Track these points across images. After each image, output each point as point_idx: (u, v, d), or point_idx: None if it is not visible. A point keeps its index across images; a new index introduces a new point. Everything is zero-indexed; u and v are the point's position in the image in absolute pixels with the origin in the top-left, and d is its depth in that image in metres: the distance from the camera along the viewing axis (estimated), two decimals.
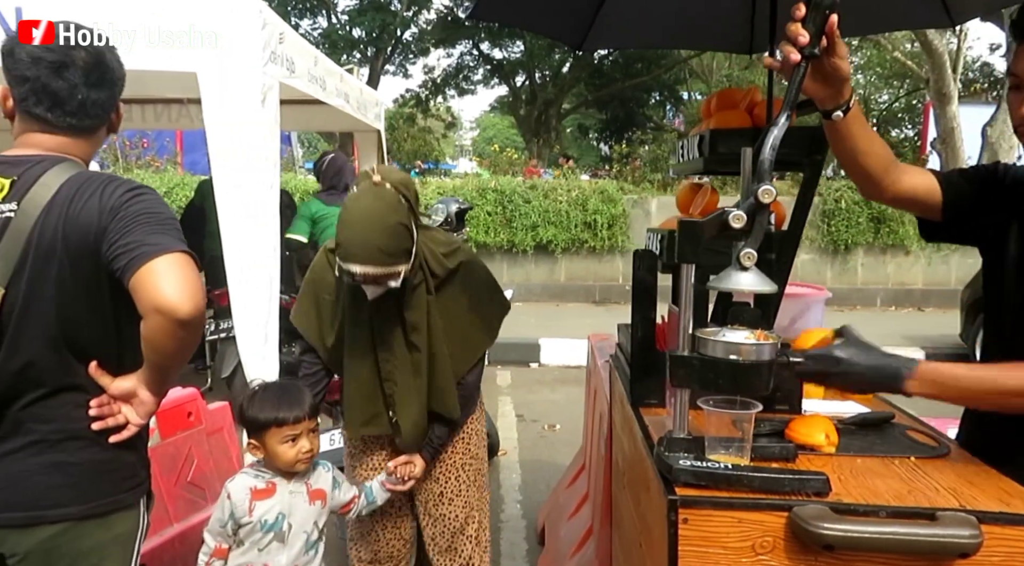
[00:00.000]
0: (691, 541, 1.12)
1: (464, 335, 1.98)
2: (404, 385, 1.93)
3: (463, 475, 2.10)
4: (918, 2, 1.97)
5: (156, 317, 1.26)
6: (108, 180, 1.38)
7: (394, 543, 2.14)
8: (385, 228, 1.70)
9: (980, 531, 1.03)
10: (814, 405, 1.57)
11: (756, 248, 1.09)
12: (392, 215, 1.72)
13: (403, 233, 1.74)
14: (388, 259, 1.71)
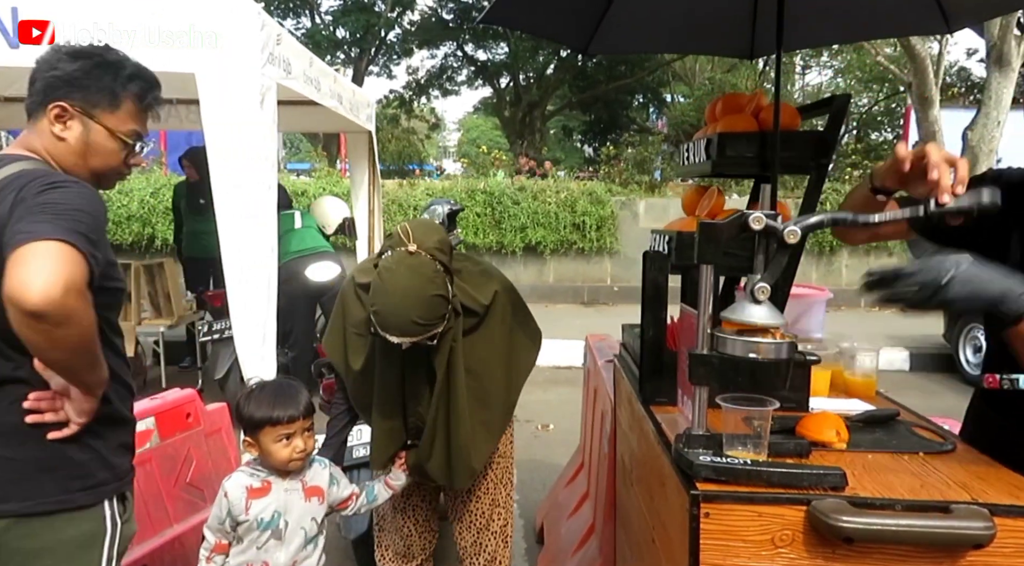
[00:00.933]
0: (712, 534, 1.14)
1: (500, 374, 1.97)
2: (427, 434, 1.93)
3: (491, 473, 2.13)
4: (916, 9, 2.02)
5: (8, 307, 1.18)
6: (39, 176, 1.33)
7: (426, 536, 2.17)
8: (421, 302, 1.68)
9: (993, 523, 1.07)
10: (820, 403, 1.60)
11: (771, 283, 1.12)
12: (429, 287, 1.69)
13: (439, 303, 1.71)
14: (424, 330, 1.71)
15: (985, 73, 11.12)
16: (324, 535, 1.93)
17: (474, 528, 2.13)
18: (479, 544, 2.14)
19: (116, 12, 2.74)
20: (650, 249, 1.75)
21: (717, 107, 1.88)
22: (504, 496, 2.18)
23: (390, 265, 1.70)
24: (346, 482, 1.98)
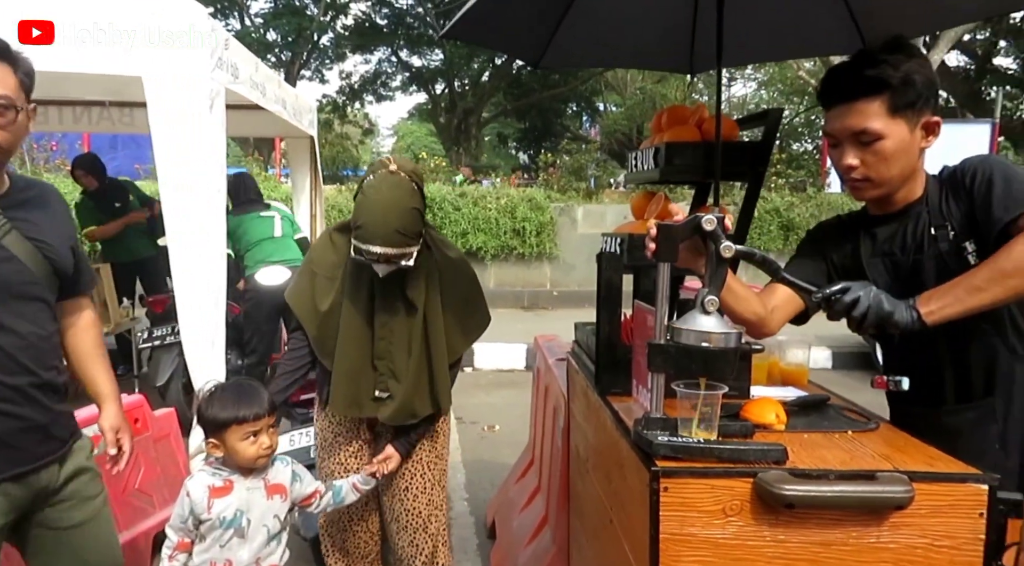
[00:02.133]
0: (671, 507, 1.26)
1: (455, 324, 2.07)
2: (400, 362, 2.00)
3: (429, 473, 2.16)
4: (839, 33, 2.21)
5: None
6: None
7: (363, 537, 2.20)
8: (402, 212, 1.86)
9: (912, 487, 1.22)
10: (760, 391, 1.75)
11: (718, 295, 1.28)
12: (409, 200, 1.87)
13: (417, 217, 1.89)
14: (404, 240, 1.86)
15: None
16: (287, 532, 1.97)
17: (411, 528, 2.16)
18: (415, 546, 2.16)
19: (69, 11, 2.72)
20: (603, 251, 1.87)
21: (663, 118, 2.02)
22: (440, 498, 2.21)
23: (373, 183, 1.88)
24: (310, 478, 2.02)
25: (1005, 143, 15.63)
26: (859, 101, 1.43)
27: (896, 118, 1.43)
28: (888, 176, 1.48)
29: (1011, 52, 15.75)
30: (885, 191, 1.51)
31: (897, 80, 1.41)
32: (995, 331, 1.48)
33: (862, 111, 1.43)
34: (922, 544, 1.25)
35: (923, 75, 1.43)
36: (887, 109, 1.42)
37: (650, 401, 1.38)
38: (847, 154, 1.47)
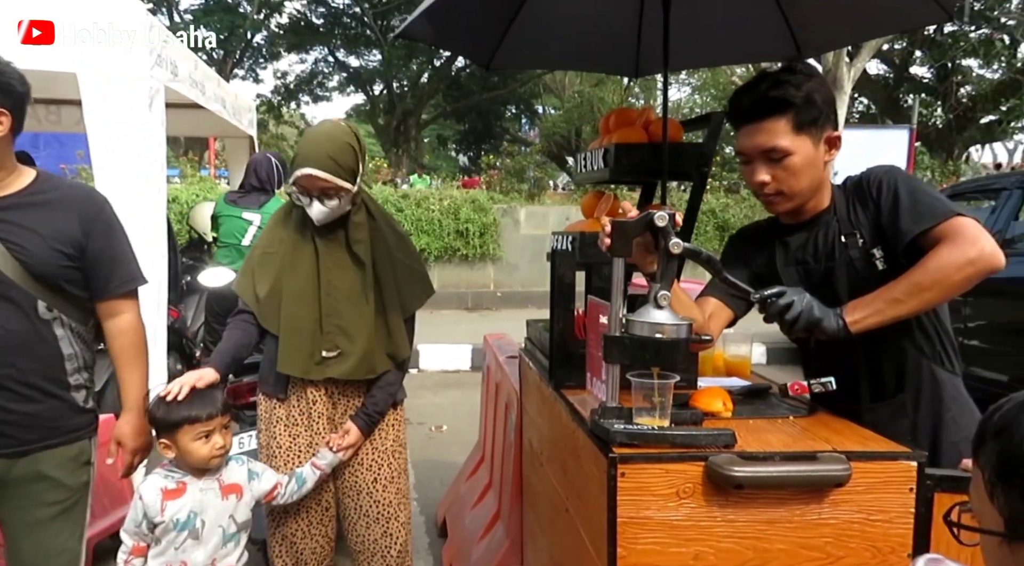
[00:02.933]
0: (627, 491, 1.32)
1: (405, 285, 2.08)
2: (350, 318, 1.99)
3: (394, 462, 2.15)
4: (776, 40, 2.33)
5: None
6: None
7: (319, 541, 2.15)
8: (336, 142, 1.93)
9: (849, 466, 1.31)
10: (707, 381, 1.83)
11: (669, 290, 1.34)
12: (344, 136, 1.95)
13: (351, 152, 1.94)
14: (335, 168, 1.90)
15: None
16: (247, 532, 1.95)
17: (383, 519, 2.12)
18: (390, 535, 2.13)
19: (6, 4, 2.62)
20: (554, 249, 1.91)
21: (611, 120, 2.08)
22: (407, 487, 2.21)
23: (316, 124, 2.04)
24: (269, 473, 2.00)
25: (921, 148, 16.48)
26: (766, 120, 1.52)
27: (801, 134, 1.51)
28: (799, 189, 1.56)
29: (926, 62, 16.61)
30: (797, 203, 1.60)
31: (800, 99, 1.50)
32: (904, 333, 1.59)
33: (769, 130, 1.52)
34: (859, 519, 1.34)
35: (822, 93, 1.52)
36: (792, 126, 1.51)
37: (606, 391, 1.44)
38: (759, 171, 1.56)
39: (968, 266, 1.39)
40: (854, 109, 19.49)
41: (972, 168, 15.36)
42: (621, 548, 1.31)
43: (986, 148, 20.61)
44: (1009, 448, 0.68)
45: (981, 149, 20.23)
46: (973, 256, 1.38)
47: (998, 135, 17.87)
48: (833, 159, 1.57)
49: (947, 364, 1.62)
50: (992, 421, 0.72)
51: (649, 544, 1.32)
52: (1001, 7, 14.26)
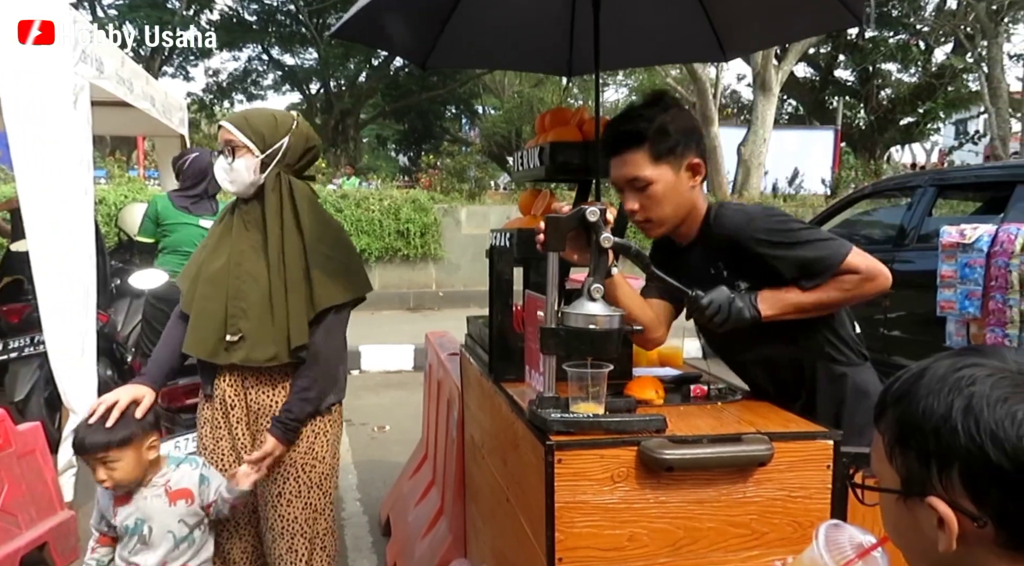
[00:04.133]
0: (564, 477, 1.36)
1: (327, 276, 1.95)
2: (253, 301, 1.92)
3: (304, 476, 2.02)
4: (701, 40, 2.42)
5: None
6: None
7: (249, 541, 2.10)
8: (262, 110, 1.98)
9: (772, 446, 1.39)
10: (641, 371, 1.89)
11: (602, 283, 1.40)
12: (277, 112, 1.95)
13: (271, 122, 1.94)
14: (243, 124, 1.91)
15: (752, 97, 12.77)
16: (204, 531, 1.91)
17: (287, 534, 2.01)
18: (294, 551, 2.02)
19: None
20: (494, 245, 1.95)
21: (546, 119, 2.13)
22: (322, 502, 2.06)
23: None
24: (217, 485, 1.91)
25: (847, 148, 17.19)
26: (626, 153, 1.61)
27: (660, 164, 1.59)
28: (664, 215, 1.65)
29: (849, 65, 17.33)
30: (667, 228, 1.69)
31: (653, 131, 1.58)
32: (804, 335, 1.68)
33: (630, 161, 1.60)
34: (781, 496, 1.42)
35: (678, 124, 1.60)
36: (650, 157, 1.59)
37: (543, 382, 1.48)
38: (628, 199, 1.66)
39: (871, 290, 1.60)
40: (783, 110, 20.20)
41: (893, 168, 16.11)
42: (559, 532, 1.36)
43: (906, 148, 21.63)
44: (906, 415, 0.75)
45: (901, 149, 21.22)
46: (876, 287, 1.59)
47: (916, 136, 18.78)
48: (698, 184, 1.65)
49: (843, 358, 1.70)
50: (892, 390, 0.79)
51: (585, 527, 1.37)
52: (916, 14, 15.00)
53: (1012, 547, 0.70)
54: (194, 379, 2.67)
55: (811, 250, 1.57)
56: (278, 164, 1.95)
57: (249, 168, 1.93)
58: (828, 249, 1.57)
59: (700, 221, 1.70)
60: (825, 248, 1.57)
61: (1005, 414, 0.67)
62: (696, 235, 1.71)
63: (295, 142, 1.97)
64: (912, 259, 4.59)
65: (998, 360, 0.72)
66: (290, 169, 1.99)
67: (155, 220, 4.10)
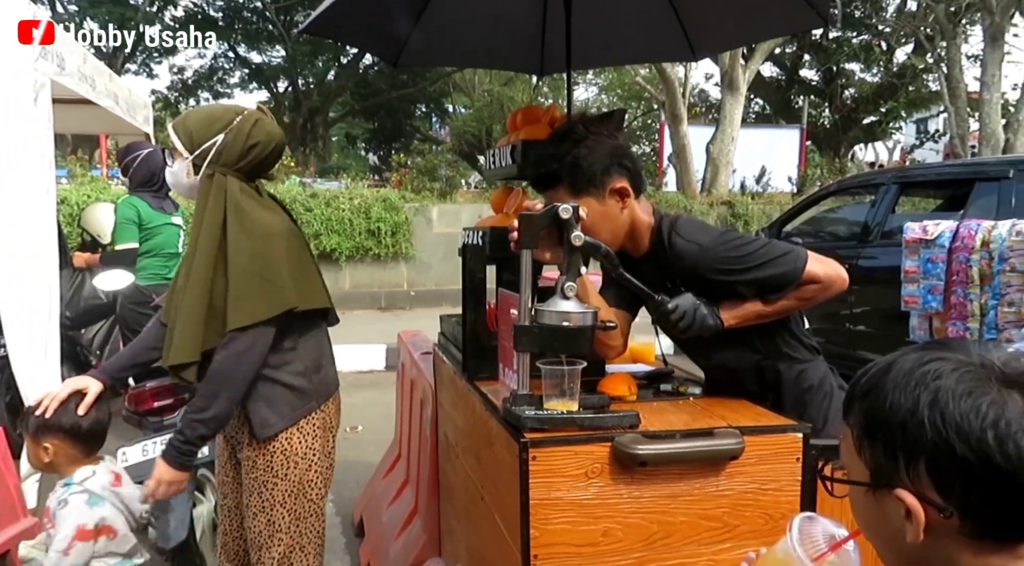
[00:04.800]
0: (539, 474, 1.37)
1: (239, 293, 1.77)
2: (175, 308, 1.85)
3: (266, 492, 1.89)
4: (671, 40, 2.44)
5: None
6: None
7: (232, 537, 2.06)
8: (202, 107, 1.91)
9: (743, 440, 1.41)
10: (613, 368, 1.91)
11: (575, 281, 1.41)
12: (220, 107, 1.88)
13: (204, 121, 1.82)
14: (179, 125, 1.84)
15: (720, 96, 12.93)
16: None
17: (255, 546, 1.93)
18: (261, 562, 1.93)
19: None
20: (466, 244, 1.95)
21: (518, 117, 2.14)
22: (286, 520, 1.92)
23: None
24: (64, 515, 1.77)
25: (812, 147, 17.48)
26: (548, 191, 1.66)
27: (582, 197, 1.60)
28: (603, 240, 1.58)
29: (814, 65, 17.62)
30: (612, 248, 1.64)
31: (566, 170, 1.61)
32: (762, 340, 1.70)
33: (553, 198, 1.64)
34: (752, 488, 1.44)
35: (593, 155, 1.61)
36: (570, 193, 1.62)
37: (517, 380, 1.48)
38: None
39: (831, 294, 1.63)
40: (751, 109, 20.46)
41: (857, 166, 16.42)
42: (534, 529, 1.36)
43: (869, 147, 22.06)
44: (873, 409, 0.77)
45: (865, 148, 21.64)
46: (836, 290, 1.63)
47: (879, 135, 19.16)
48: (627, 207, 1.65)
49: (799, 356, 1.73)
50: (860, 384, 0.81)
51: (560, 524, 1.37)
52: (878, 15, 15.29)
53: (976, 537, 0.72)
54: (163, 382, 2.63)
55: (769, 269, 1.58)
56: (212, 164, 1.82)
57: (182, 170, 1.84)
58: (786, 265, 1.58)
59: (649, 234, 1.69)
60: (783, 264, 1.58)
61: (969, 408, 0.69)
62: (648, 248, 1.71)
63: (232, 140, 1.82)
64: (876, 255, 4.69)
65: (962, 353, 0.74)
66: (230, 169, 1.83)
67: (138, 223, 3.89)
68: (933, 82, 15.45)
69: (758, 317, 1.62)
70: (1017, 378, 0.71)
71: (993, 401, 0.69)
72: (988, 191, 4.46)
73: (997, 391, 0.70)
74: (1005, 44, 10.50)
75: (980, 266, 3.26)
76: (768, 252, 1.60)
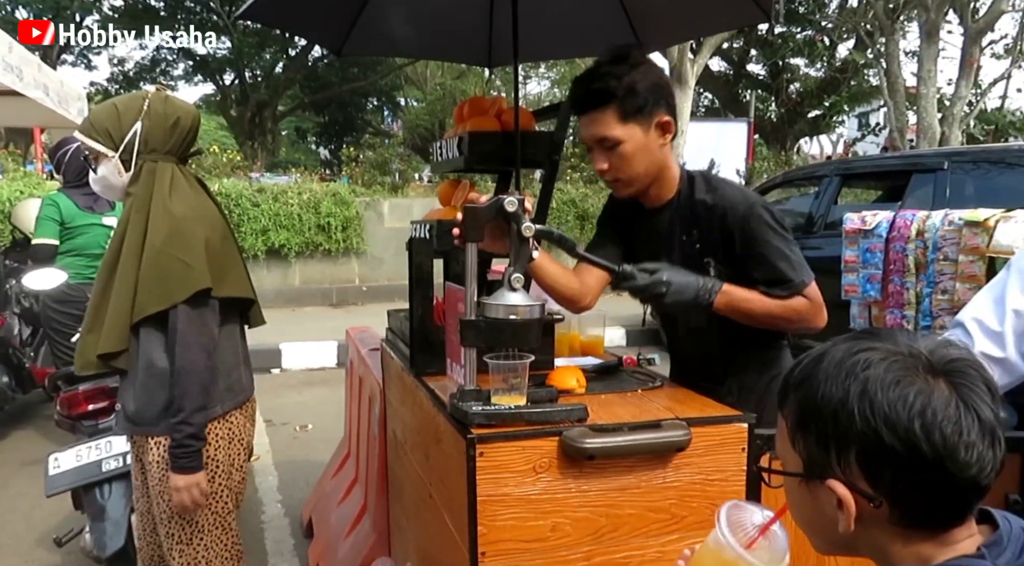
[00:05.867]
0: (486, 470, 1.35)
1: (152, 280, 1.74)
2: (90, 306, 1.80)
3: (163, 504, 1.84)
4: (617, 33, 2.43)
5: None
6: None
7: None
8: (104, 105, 1.79)
9: (689, 431, 1.41)
10: (563, 361, 1.90)
11: (523, 273, 1.38)
12: (120, 99, 1.78)
13: (113, 114, 1.76)
14: (88, 128, 1.75)
15: None
16: None
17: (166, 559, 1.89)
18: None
19: None
20: (413, 237, 1.91)
21: (464, 109, 2.10)
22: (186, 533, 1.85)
23: None
24: None
25: (760, 140, 17.83)
26: (594, 112, 1.58)
27: (629, 123, 1.57)
28: (634, 174, 1.63)
29: (760, 60, 17.94)
30: (637, 188, 1.67)
31: (622, 90, 1.55)
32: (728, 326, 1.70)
33: (598, 121, 1.58)
34: (699, 479, 1.45)
35: (647, 82, 1.56)
36: (618, 117, 1.56)
37: (464, 375, 1.46)
38: (597, 159, 1.64)
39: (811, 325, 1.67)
40: (700, 103, 20.76)
41: (802, 158, 16.81)
42: (482, 526, 1.34)
43: (814, 140, 22.61)
44: (806, 399, 0.77)
45: (810, 141, 22.17)
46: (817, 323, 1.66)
47: (823, 128, 19.63)
48: (668, 143, 1.65)
49: (771, 342, 1.76)
50: (793, 375, 0.81)
51: (508, 520, 1.35)
52: (821, 11, 15.65)
53: (904, 525, 0.72)
54: (98, 384, 2.53)
55: (790, 256, 1.59)
56: (142, 154, 1.76)
57: (112, 172, 1.77)
58: (800, 267, 1.60)
59: (673, 184, 1.68)
60: (799, 264, 1.60)
61: (897, 397, 0.69)
62: (669, 200, 1.69)
63: (152, 124, 1.76)
64: (820, 245, 4.80)
65: (891, 343, 0.75)
66: (161, 154, 1.79)
67: (60, 221, 3.75)
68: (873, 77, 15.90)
69: (746, 314, 1.61)
70: (943, 367, 0.72)
71: (920, 390, 0.69)
72: (924, 182, 4.60)
73: (924, 380, 0.70)
74: (939, 40, 10.85)
75: (916, 255, 3.36)
76: (794, 244, 1.62)
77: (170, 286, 1.72)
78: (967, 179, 4.44)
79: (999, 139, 15.41)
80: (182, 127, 1.82)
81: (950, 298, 3.05)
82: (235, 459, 1.94)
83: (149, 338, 1.77)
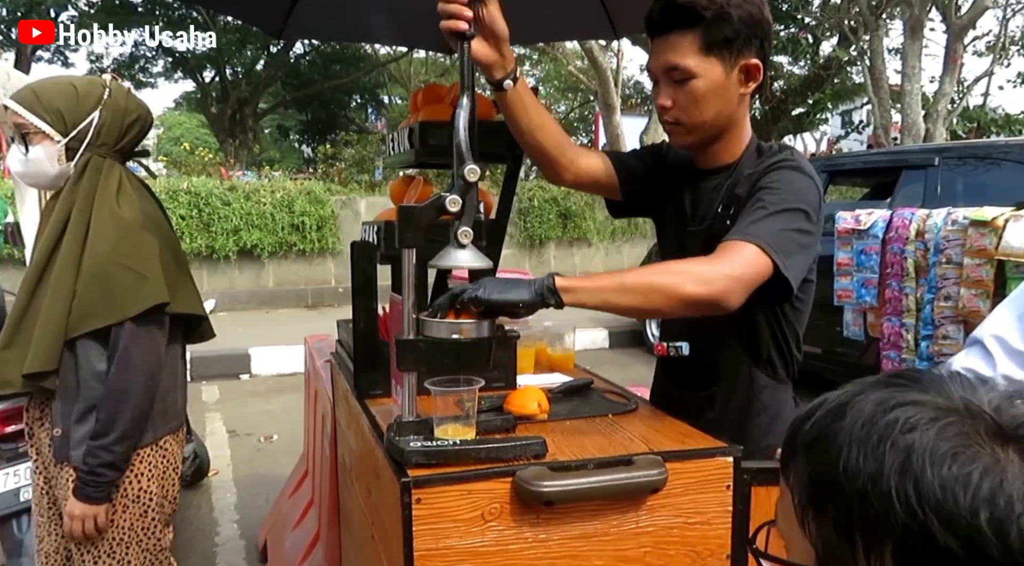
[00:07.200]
0: (424, 520, 1.14)
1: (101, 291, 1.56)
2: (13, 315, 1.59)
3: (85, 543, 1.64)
4: (590, 17, 2.24)
5: None
6: None
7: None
8: (56, 81, 1.60)
9: (665, 468, 1.21)
10: (526, 379, 1.69)
11: (471, 226, 1.15)
12: (76, 80, 1.60)
13: (71, 95, 1.58)
14: (34, 102, 1.55)
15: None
16: None
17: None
18: None
19: None
20: (356, 241, 1.70)
21: (419, 97, 1.89)
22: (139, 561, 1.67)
23: None
24: None
25: None
26: (672, 34, 1.32)
27: (710, 56, 1.31)
28: (700, 120, 1.36)
29: None
30: (697, 137, 1.39)
31: (711, 13, 1.28)
32: (731, 330, 1.47)
33: (674, 45, 1.32)
34: (678, 523, 1.24)
35: (743, 11, 1.30)
36: (700, 45, 1.30)
37: (403, 403, 1.25)
38: (661, 93, 1.37)
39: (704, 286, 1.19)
40: None
41: None
42: None
43: (798, 138, 22.54)
44: (821, 468, 0.55)
45: (794, 139, 22.08)
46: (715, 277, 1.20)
47: (807, 126, 19.55)
48: (749, 92, 1.37)
49: (770, 371, 1.51)
50: (803, 431, 0.59)
51: None
52: (805, 8, 15.55)
53: None
54: (16, 403, 2.30)
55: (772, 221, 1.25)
56: (90, 147, 1.60)
57: (51, 157, 1.58)
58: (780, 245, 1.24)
59: (738, 148, 1.41)
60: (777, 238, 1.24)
61: (955, 478, 0.48)
62: (727, 165, 1.42)
63: (110, 116, 1.61)
64: None
65: (941, 396, 0.53)
66: (109, 151, 1.64)
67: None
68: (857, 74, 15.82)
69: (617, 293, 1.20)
70: (1014, 431, 0.51)
71: (987, 469, 0.48)
72: (915, 179, 4.43)
73: (991, 451, 0.49)
74: (923, 37, 10.74)
75: (915, 257, 3.14)
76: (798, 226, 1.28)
77: (119, 299, 1.55)
78: (958, 175, 4.27)
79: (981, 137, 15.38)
80: (138, 128, 1.70)
81: (954, 305, 2.82)
82: (168, 490, 1.74)
83: (88, 355, 1.58)
